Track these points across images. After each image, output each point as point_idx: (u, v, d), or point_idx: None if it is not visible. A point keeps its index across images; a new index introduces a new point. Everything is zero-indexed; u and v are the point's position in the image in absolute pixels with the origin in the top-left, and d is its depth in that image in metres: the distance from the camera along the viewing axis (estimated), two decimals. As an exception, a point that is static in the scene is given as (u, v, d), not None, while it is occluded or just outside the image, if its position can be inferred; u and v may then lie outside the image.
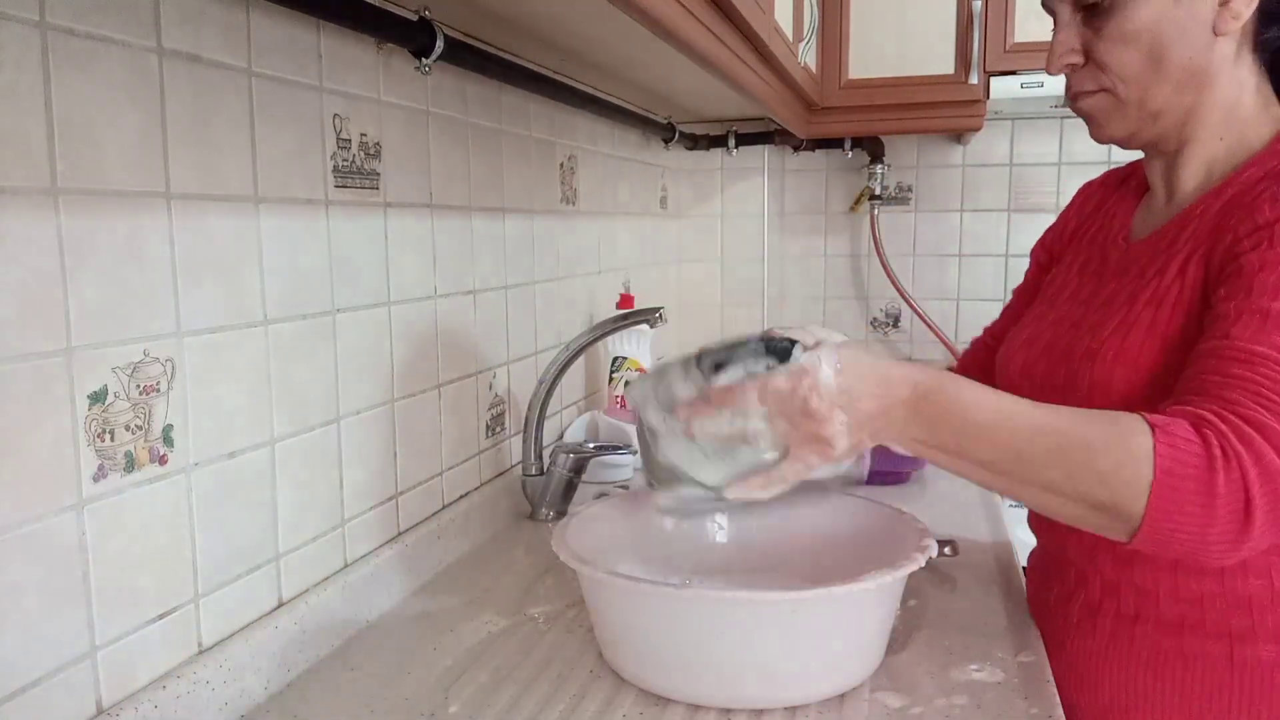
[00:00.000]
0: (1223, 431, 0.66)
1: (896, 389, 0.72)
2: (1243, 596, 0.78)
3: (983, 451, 0.71)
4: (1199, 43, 0.79)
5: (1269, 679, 0.78)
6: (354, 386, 1.00)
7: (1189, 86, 0.81)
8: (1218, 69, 0.80)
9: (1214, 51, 0.80)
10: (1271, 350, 0.68)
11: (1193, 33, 0.79)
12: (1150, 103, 0.82)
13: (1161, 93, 0.81)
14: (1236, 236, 0.75)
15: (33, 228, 0.64)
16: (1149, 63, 0.80)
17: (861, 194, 2.39)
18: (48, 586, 0.66)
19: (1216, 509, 0.65)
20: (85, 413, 0.68)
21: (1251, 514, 0.64)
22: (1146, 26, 0.79)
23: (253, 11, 0.83)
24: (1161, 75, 0.81)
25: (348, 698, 0.84)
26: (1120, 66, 0.81)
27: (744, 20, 1.22)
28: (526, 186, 1.40)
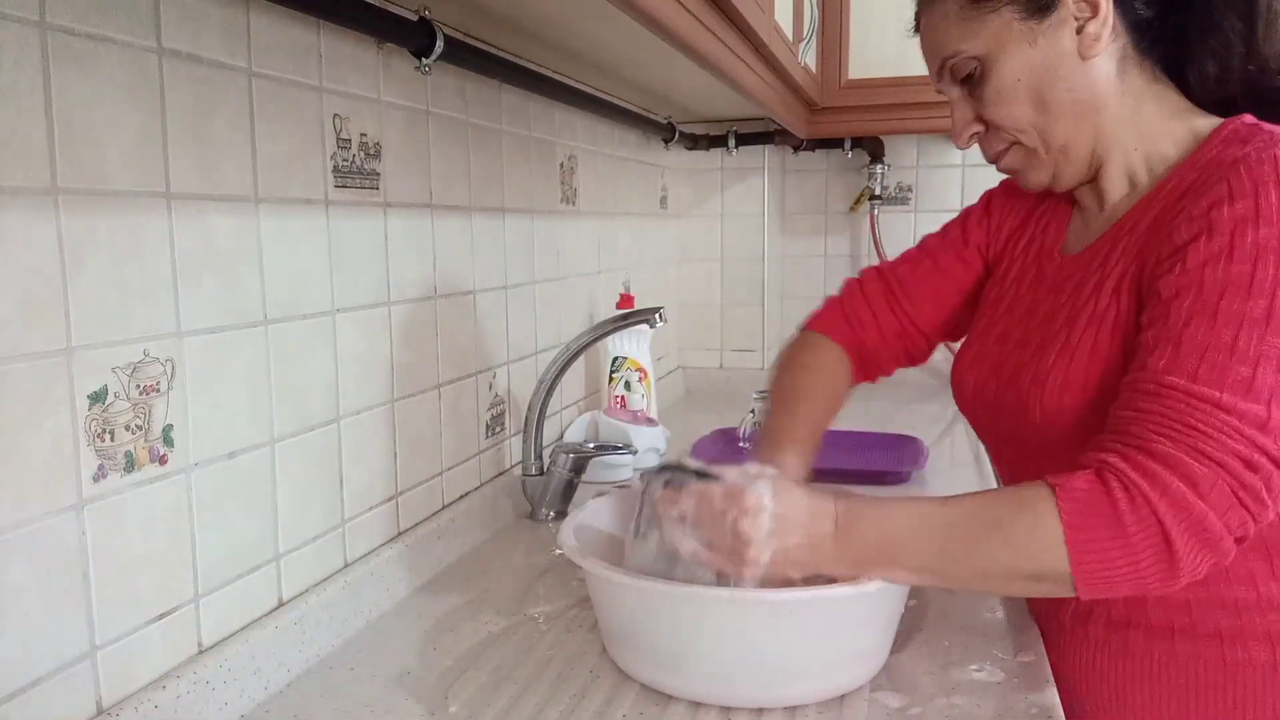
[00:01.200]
0: (1122, 470, 0.69)
1: (821, 523, 0.77)
2: (1229, 601, 0.80)
3: (911, 561, 0.75)
4: (1073, 74, 0.82)
5: (1262, 679, 0.79)
6: (354, 386, 1.00)
7: (1082, 115, 0.84)
8: (1104, 90, 0.83)
9: (1092, 76, 0.82)
10: (1180, 379, 0.70)
11: (1062, 67, 0.82)
12: (1053, 141, 0.85)
13: (1059, 130, 0.84)
14: (1158, 259, 0.77)
15: (33, 228, 0.64)
16: (1036, 109, 0.84)
17: (861, 194, 2.39)
18: (48, 586, 0.66)
19: (1133, 545, 0.68)
20: (85, 413, 0.68)
21: (1172, 544, 0.67)
22: (1018, 79, 0.83)
23: (253, 11, 0.83)
24: (1052, 115, 0.84)
25: (348, 698, 0.84)
26: (1012, 122, 0.85)
27: (744, 20, 1.22)
28: (526, 186, 1.40)
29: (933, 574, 0.76)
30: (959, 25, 0.85)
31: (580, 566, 0.83)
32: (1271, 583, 0.79)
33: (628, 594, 0.82)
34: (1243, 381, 0.68)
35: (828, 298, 1.12)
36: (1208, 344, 0.70)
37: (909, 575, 0.76)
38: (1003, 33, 0.83)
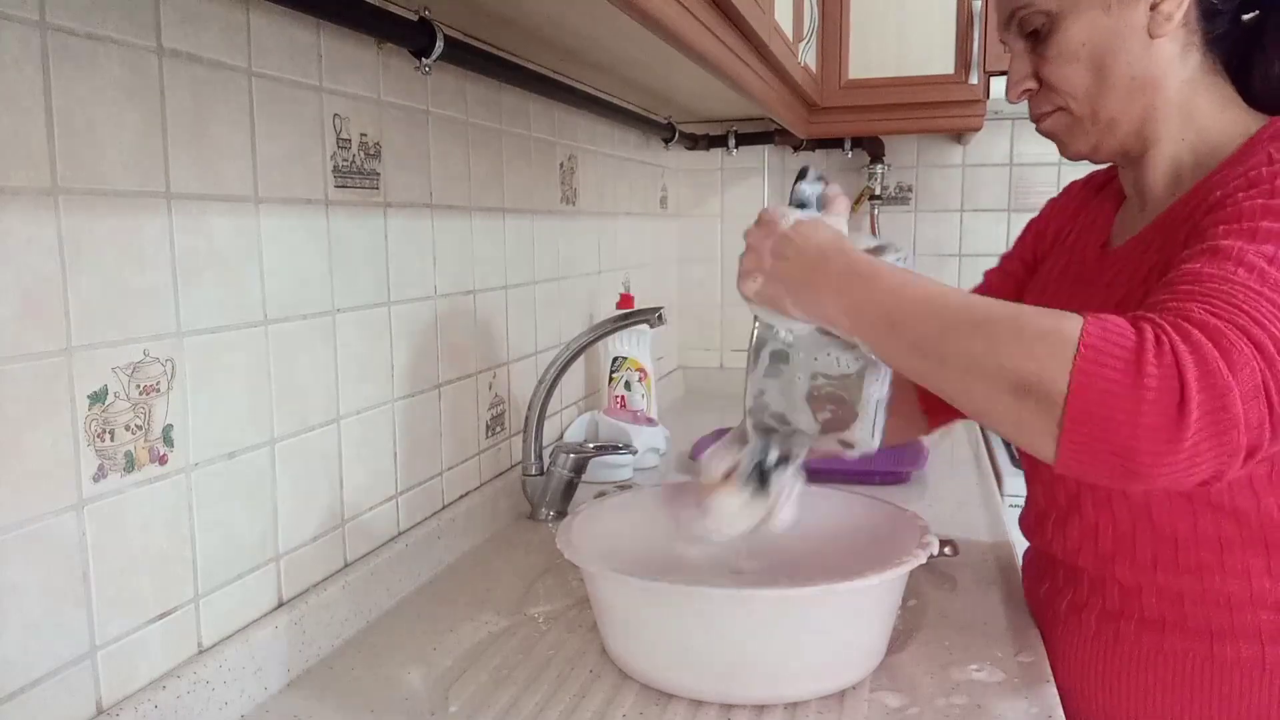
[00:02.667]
0: (1159, 323, 0.62)
1: (829, 263, 0.75)
2: (1222, 595, 0.79)
3: (909, 328, 0.70)
4: (1137, 49, 0.81)
5: (1250, 677, 0.78)
6: (354, 386, 1.00)
7: (1136, 93, 0.82)
8: (1163, 72, 0.82)
9: (1156, 55, 0.81)
10: (1218, 270, 0.65)
11: (1129, 41, 0.81)
12: (1103, 114, 0.84)
13: (1111, 103, 0.83)
14: (1191, 227, 0.75)
15: (33, 228, 0.64)
16: (1093, 76, 0.83)
17: (861, 194, 2.39)
18: (48, 586, 0.66)
19: (1144, 387, 0.59)
20: (85, 413, 0.68)
21: (1186, 407, 0.59)
22: (1083, 42, 0.82)
23: (253, 11, 0.83)
24: (1107, 86, 0.82)
25: (348, 698, 0.84)
26: (1067, 85, 0.84)
27: (744, 20, 1.22)
28: (526, 186, 1.40)
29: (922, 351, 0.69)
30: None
31: (580, 567, 0.83)
32: (1265, 578, 0.78)
33: (627, 593, 0.82)
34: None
35: None
36: (1246, 250, 0.66)
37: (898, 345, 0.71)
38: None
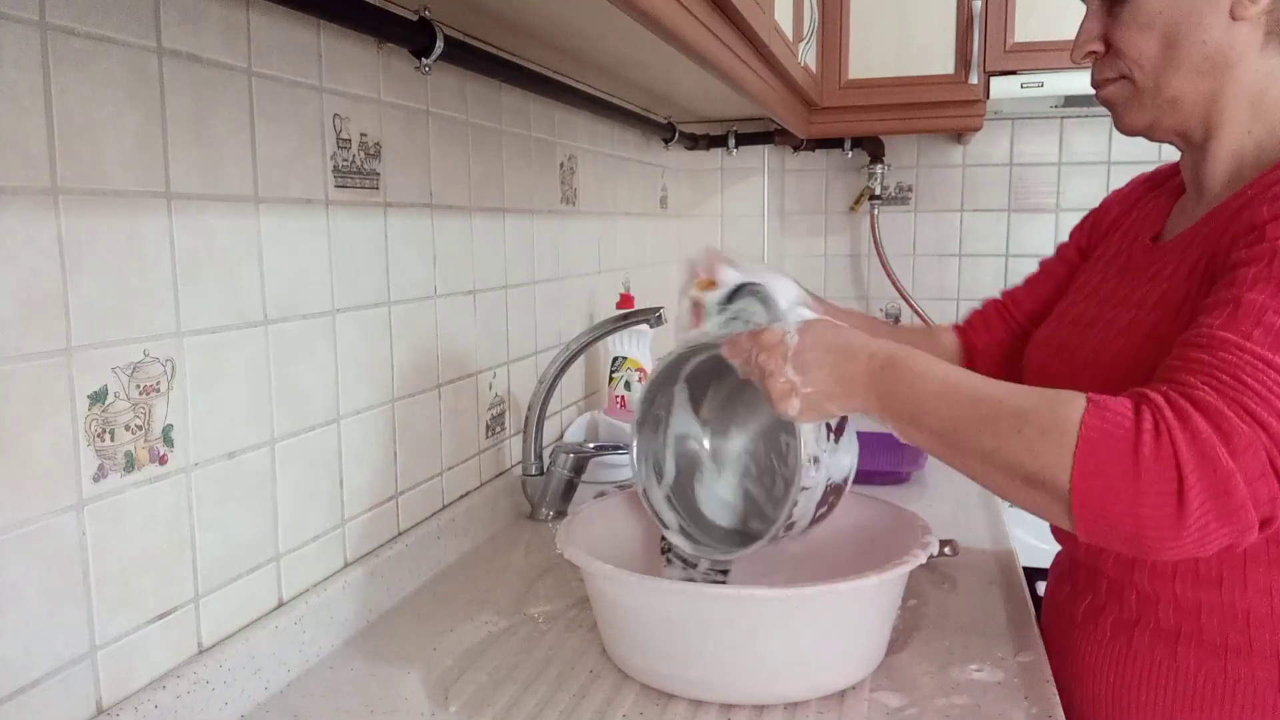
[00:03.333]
0: (1159, 405, 0.63)
1: (855, 362, 0.76)
2: (1241, 611, 0.77)
3: (930, 420, 0.72)
4: (1216, 28, 0.77)
5: (1262, 696, 0.77)
6: (354, 386, 1.00)
7: (1206, 73, 0.79)
8: (1239, 56, 0.78)
9: (1234, 37, 0.78)
10: (1233, 335, 0.65)
11: (1208, 18, 0.77)
12: (1166, 89, 0.81)
13: (1177, 79, 0.80)
14: (1234, 236, 0.74)
15: (33, 228, 0.64)
16: (1163, 48, 0.79)
17: (861, 194, 2.39)
18: (48, 586, 0.66)
19: (1141, 481, 0.61)
20: (85, 413, 0.68)
21: (1185, 495, 0.61)
22: (1160, 11, 0.79)
23: (253, 11, 0.83)
24: (1176, 61, 0.79)
25: (348, 698, 0.84)
26: (1135, 52, 0.81)
27: (744, 20, 1.22)
28: (526, 186, 1.40)
29: (945, 442, 0.72)
30: None
31: (580, 566, 0.83)
32: None
33: (627, 592, 0.82)
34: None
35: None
36: (1267, 308, 0.65)
37: (923, 436, 0.73)
38: None
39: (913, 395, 0.73)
